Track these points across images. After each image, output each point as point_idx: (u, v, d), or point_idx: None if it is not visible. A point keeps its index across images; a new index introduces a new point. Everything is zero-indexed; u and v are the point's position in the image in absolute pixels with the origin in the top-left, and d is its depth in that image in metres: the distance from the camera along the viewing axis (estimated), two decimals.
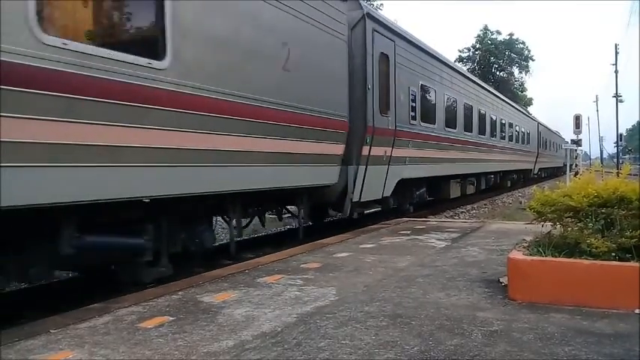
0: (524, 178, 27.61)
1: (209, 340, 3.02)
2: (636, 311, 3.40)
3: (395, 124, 9.54)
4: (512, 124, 22.19)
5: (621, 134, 47.65)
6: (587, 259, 3.64)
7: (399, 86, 9.73)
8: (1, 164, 3.33)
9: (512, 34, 58.76)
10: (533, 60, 59.18)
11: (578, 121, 19.72)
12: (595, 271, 3.58)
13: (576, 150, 21.87)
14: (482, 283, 4.33)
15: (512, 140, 22.47)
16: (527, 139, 26.07)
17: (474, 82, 16.96)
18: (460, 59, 55.55)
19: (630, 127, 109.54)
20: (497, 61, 57.01)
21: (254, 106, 5.73)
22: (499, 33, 57.75)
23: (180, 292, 4.14)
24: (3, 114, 3.30)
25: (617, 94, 42.72)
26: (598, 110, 70.00)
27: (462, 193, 15.06)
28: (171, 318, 3.45)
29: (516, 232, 6.73)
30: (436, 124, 12.05)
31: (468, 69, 46.59)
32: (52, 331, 3.19)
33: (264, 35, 5.89)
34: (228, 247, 6.37)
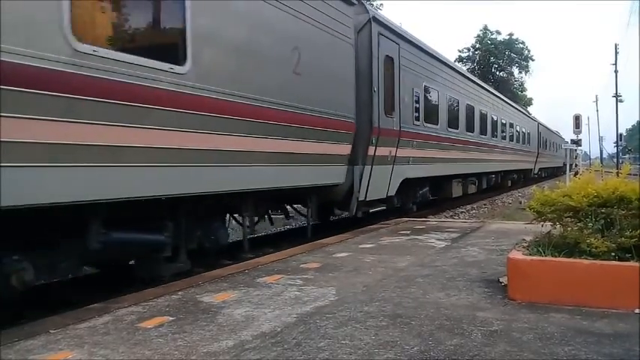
0: (524, 177, 27.64)
1: (209, 340, 3.02)
2: (636, 311, 3.40)
3: (399, 124, 9.67)
4: (512, 124, 22.26)
5: (621, 134, 47.65)
6: (586, 258, 3.64)
7: (403, 88, 9.88)
8: (56, 164, 3.66)
9: (512, 34, 58.78)
10: (532, 60, 59.21)
11: (577, 121, 19.71)
12: (595, 271, 3.59)
13: (576, 150, 21.87)
14: (482, 283, 4.33)
15: (513, 140, 22.53)
16: (527, 139, 26.13)
17: (475, 82, 17.06)
18: (460, 59, 55.51)
19: (630, 126, 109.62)
20: (497, 61, 56.96)
21: (270, 109, 5.95)
22: (499, 33, 57.78)
23: (180, 292, 4.15)
24: (47, 117, 3.57)
25: (616, 94, 42.74)
26: (598, 110, 69.97)
27: (464, 192, 15.16)
28: (171, 318, 3.45)
29: (516, 232, 6.73)
30: (439, 124, 12.18)
31: (467, 69, 46.56)
32: (52, 332, 3.19)
33: (276, 40, 6.11)
34: (228, 247, 6.42)
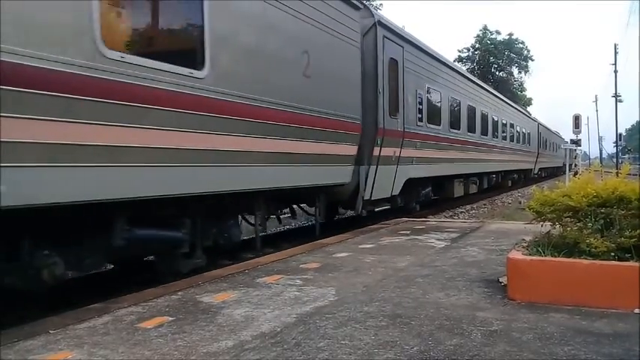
0: (524, 177, 27.68)
1: (208, 341, 3.02)
2: (635, 311, 3.40)
3: (403, 125, 9.85)
4: (513, 124, 22.36)
5: (620, 134, 47.66)
6: (586, 258, 3.64)
7: (407, 89, 10.08)
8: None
9: (511, 34, 58.75)
10: (532, 60, 59.19)
11: (577, 121, 19.73)
12: (594, 271, 3.59)
13: (575, 150, 21.87)
14: (481, 282, 4.33)
15: (513, 141, 22.64)
16: (527, 139, 26.21)
17: (476, 83, 17.19)
18: (459, 59, 55.50)
19: (629, 126, 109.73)
20: (496, 61, 56.96)
21: (283, 112, 6.15)
22: (498, 33, 57.78)
23: (180, 293, 4.15)
24: (80, 120, 3.75)
25: (616, 94, 42.70)
26: (597, 110, 69.96)
27: (465, 192, 15.33)
28: (171, 318, 3.45)
29: (516, 232, 6.73)
30: (441, 125, 12.35)
31: (467, 69, 46.59)
32: (52, 332, 3.19)
33: (287, 45, 6.30)
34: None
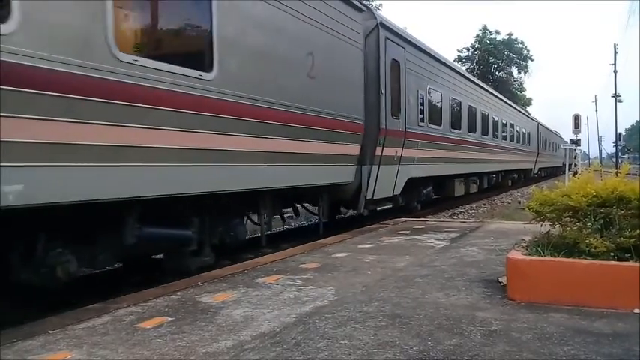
0: (524, 177, 27.72)
1: (208, 341, 3.01)
2: (635, 311, 3.40)
3: (405, 126, 9.93)
4: (513, 124, 22.44)
5: (620, 134, 47.62)
6: (585, 258, 3.64)
7: (408, 90, 10.16)
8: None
9: (511, 34, 58.76)
10: (532, 60, 59.20)
11: (577, 121, 19.72)
12: (594, 271, 3.59)
13: (575, 150, 21.87)
14: (481, 282, 4.33)
15: (513, 141, 22.72)
16: (527, 139, 26.27)
17: (476, 84, 17.28)
18: (459, 59, 55.50)
19: (629, 126, 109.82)
20: (496, 61, 56.97)
21: (288, 112, 6.26)
22: (498, 33, 57.80)
23: (179, 293, 4.14)
24: (99, 122, 3.89)
25: (615, 94, 42.69)
26: (597, 110, 70.11)
27: (466, 191, 15.43)
28: (170, 318, 3.45)
29: (515, 232, 6.74)
30: (442, 125, 12.43)
31: (466, 69, 46.60)
32: (51, 332, 3.19)
33: (292, 47, 6.41)
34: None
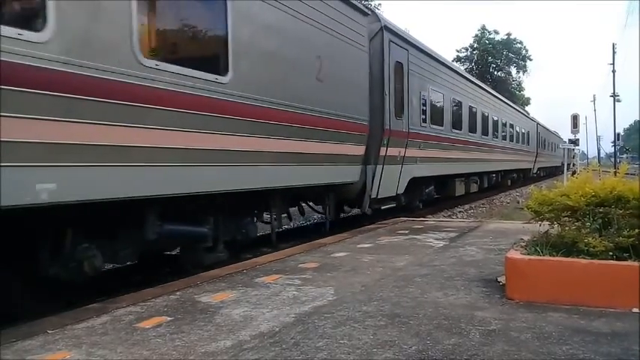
0: (523, 177, 27.81)
1: (207, 340, 3.01)
2: (634, 310, 3.41)
3: (408, 126, 10.09)
4: (512, 124, 22.55)
5: (619, 134, 47.63)
6: (584, 258, 3.64)
7: (411, 91, 10.32)
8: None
9: (509, 33, 58.86)
10: (530, 60, 59.23)
11: (575, 121, 19.75)
12: (592, 271, 3.59)
13: (574, 149, 21.90)
14: (480, 282, 4.33)
15: (513, 140, 22.84)
16: (526, 139, 26.38)
17: (476, 84, 17.42)
18: (458, 59, 55.53)
19: (628, 126, 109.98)
20: (494, 61, 57.01)
21: (297, 114, 6.43)
22: (497, 33, 57.84)
23: (178, 292, 4.14)
24: (125, 124, 4.04)
25: (614, 93, 42.72)
26: (595, 110, 70.34)
27: (466, 191, 15.59)
28: (169, 318, 3.45)
29: (514, 231, 6.74)
30: (444, 126, 12.60)
31: (465, 69, 46.64)
32: (50, 332, 3.18)
33: (303, 51, 6.59)
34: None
